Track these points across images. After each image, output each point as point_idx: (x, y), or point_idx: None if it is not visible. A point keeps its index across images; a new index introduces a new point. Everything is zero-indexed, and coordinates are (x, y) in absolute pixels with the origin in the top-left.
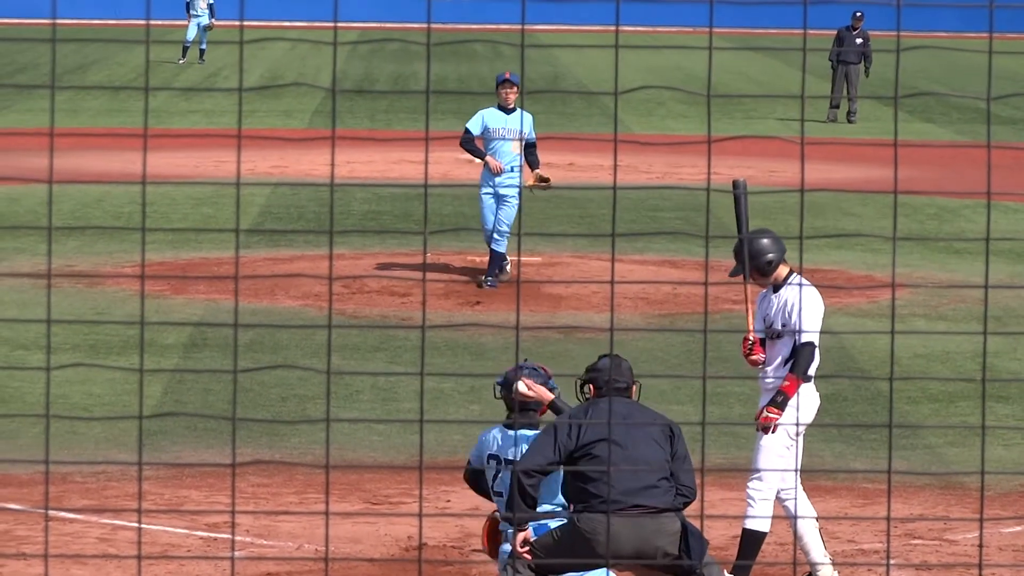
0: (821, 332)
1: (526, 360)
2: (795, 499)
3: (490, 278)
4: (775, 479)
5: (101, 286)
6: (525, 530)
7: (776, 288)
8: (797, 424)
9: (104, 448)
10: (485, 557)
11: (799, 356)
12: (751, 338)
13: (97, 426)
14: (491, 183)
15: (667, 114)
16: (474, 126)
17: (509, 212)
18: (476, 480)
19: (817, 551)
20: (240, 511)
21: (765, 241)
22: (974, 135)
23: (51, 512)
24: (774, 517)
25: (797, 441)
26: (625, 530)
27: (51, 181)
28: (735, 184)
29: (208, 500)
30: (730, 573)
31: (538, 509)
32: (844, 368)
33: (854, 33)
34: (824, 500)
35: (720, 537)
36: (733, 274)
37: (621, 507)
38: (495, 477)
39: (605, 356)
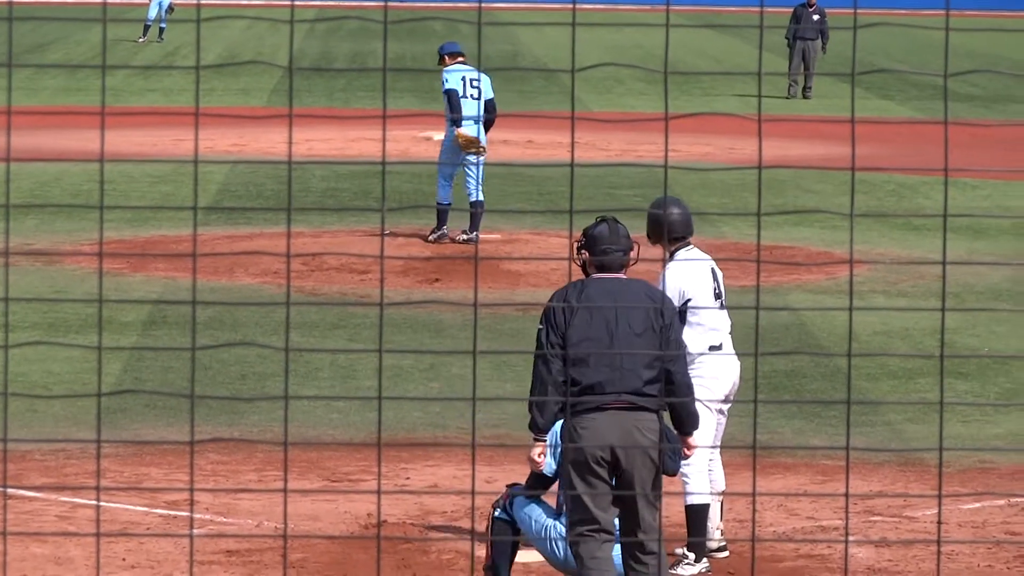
0: (780, 308)
1: None
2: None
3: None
4: (706, 453)
5: (60, 264)
6: (543, 442)
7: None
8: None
9: (63, 426)
10: (445, 534)
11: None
12: None
13: (56, 404)
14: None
15: (626, 92)
16: None
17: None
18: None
19: (713, 521)
20: (199, 488)
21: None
22: (932, 112)
23: (10, 490)
24: (728, 494)
25: (721, 415)
26: (606, 424)
27: (9, 159)
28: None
29: (168, 478)
30: (688, 551)
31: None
32: (803, 345)
33: (811, 10)
34: (784, 477)
35: (680, 514)
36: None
37: (601, 404)
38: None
39: (602, 220)
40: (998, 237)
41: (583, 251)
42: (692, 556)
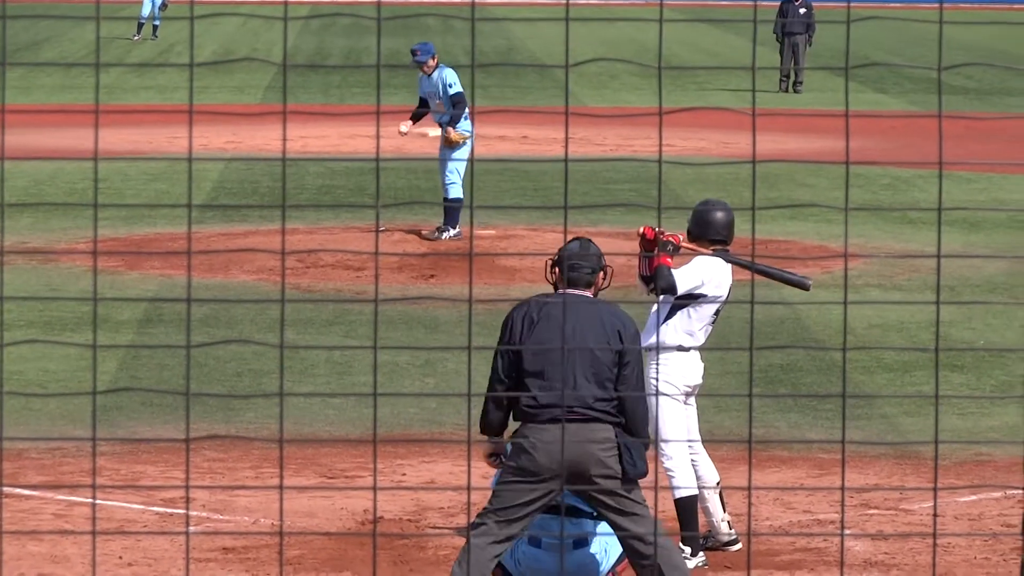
0: (775, 303)
1: None
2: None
3: (440, 229)
4: (683, 445)
5: (55, 262)
6: (500, 450)
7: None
8: (686, 392)
9: (60, 424)
10: (441, 530)
11: (658, 271)
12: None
13: (52, 402)
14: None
15: (620, 87)
16: (419, 91)
17: (455, 164)
18: None
19: (717, 515)
20: (195, 486)
21: (718, 214)
22: (927, 105)
23: (6, 489)
24: (725, 488)
25: (689, 406)
26: (556, 436)
27: (3, 158)
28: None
29: (164, 475)
30: (684, 545)
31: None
32: (798, 338)
33: (796, 4)
34: (780, 470)
35: (672, 509)
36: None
37: (553, 417)
38: None
39: (575, 239)
40: (993, 230)
41: (555, 268)
42: (688, 550)
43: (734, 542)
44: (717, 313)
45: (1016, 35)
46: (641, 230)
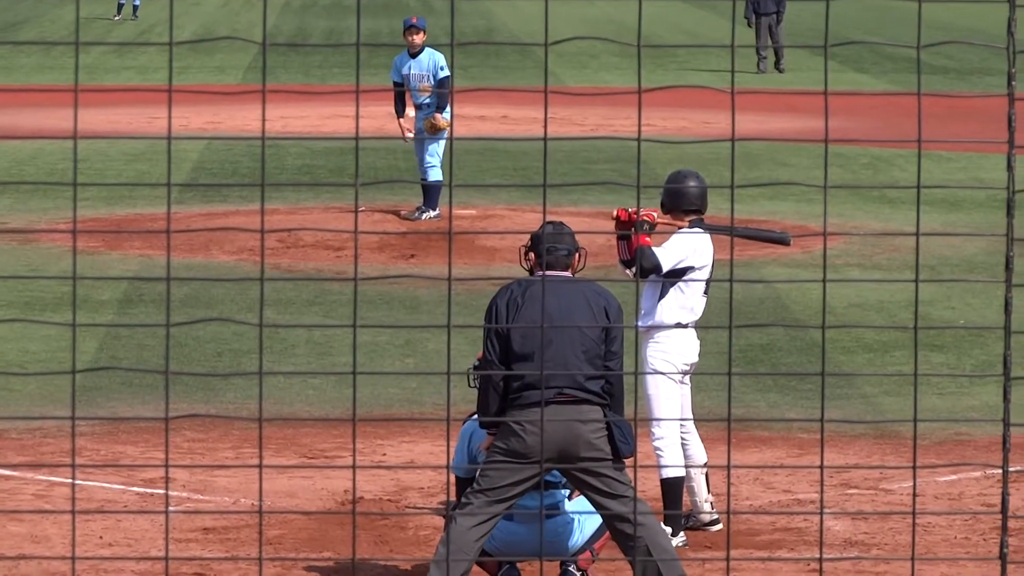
0: (753, 281)
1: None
2: (680, 444)
3: (420, 209)
4: (674, 424)
5: (35, 243)
6: (494, 434)
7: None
8: (679, 371)
9: (40, 404)
10: (421, 510)
11: (640, 252)
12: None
13: (32, 382)
14: (418, 124)
15: (600, 66)
16: (394, 75)
17: (435, 145)
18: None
19: (700, 495)
20: (175, 466)
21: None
22: (906, 84)
23: None
24: (712, 466)
25: (684, 384)
26: (548, 417)
27: None
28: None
29: (144, 455)
30: (665, 525)
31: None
32: (778, 318)
33: None
34: (760, 450)
35: (656, 488)
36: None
37: (544, 399)
38: None
39: (549, 223)
40: (973, 209)
41: (530, 253)
42: (669, 530)
43: (715, 522)
44: (708, 283)
45: (995, 14)
46: (615, 213)
